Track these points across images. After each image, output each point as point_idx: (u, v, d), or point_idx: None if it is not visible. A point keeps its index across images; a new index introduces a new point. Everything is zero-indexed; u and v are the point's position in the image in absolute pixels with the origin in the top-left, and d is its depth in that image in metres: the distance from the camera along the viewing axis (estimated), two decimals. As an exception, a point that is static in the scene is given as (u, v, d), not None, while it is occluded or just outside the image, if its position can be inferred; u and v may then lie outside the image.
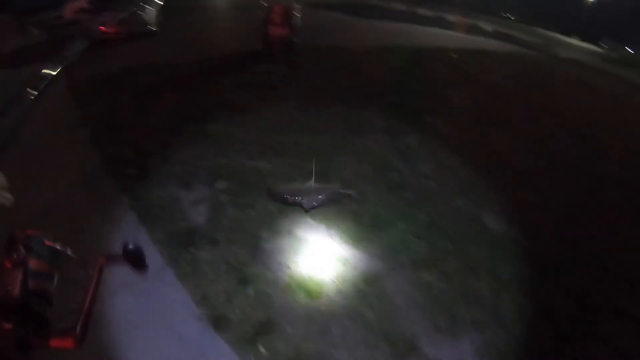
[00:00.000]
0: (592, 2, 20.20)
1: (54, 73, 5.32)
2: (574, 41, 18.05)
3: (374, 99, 6.18)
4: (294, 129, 4.74)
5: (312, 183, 3.34)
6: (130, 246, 0.95)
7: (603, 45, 17.54)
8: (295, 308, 2.39)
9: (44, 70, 5.04)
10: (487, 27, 16.78)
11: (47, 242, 0.58)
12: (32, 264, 0.57)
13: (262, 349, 2.14)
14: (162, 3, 13.39)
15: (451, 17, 18.11)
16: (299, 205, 3.19)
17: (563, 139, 5.72)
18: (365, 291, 2.58)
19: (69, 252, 0.53)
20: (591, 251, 3.33)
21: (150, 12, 11.44)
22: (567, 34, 18.82)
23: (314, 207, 3.18)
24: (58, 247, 0.59)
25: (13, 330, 0.59)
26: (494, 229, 3.36)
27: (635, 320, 2.79)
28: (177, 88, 5.93)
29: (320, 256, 2.81)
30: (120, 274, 2.28)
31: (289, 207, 3.26)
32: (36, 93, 4.68)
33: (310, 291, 2.50)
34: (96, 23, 10.50)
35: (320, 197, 3.24)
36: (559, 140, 5.62)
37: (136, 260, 0.94)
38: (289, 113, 5.22)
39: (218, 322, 2.25)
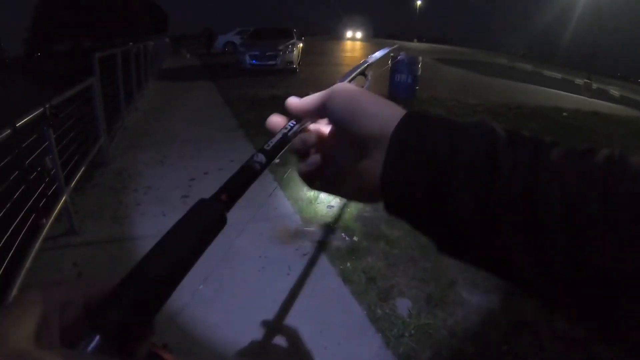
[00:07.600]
0: None
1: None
2: None
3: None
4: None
5: None
6: None
7: None
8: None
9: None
10: (615, 92, 16.67)
11: None
12: None
13: (342, 234, 3.73)
14: (302, 46, 16.51)
15: (578, 81, 18.29)
16: None
17: None
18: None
19: None
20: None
21: (294, 54, 14.57)
22: None
23: None
24: None
25: None
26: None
27: None
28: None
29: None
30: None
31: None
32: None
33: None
34: (248, 56, 13.80)
35: None
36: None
37: None
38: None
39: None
